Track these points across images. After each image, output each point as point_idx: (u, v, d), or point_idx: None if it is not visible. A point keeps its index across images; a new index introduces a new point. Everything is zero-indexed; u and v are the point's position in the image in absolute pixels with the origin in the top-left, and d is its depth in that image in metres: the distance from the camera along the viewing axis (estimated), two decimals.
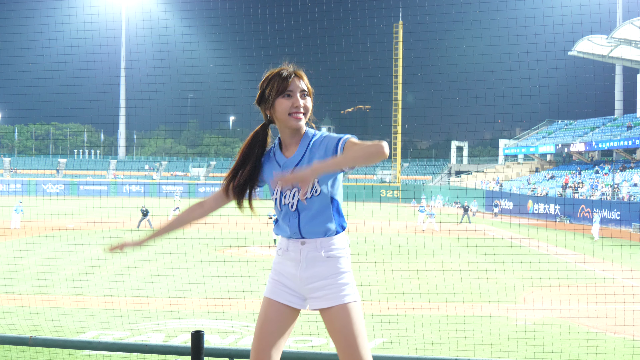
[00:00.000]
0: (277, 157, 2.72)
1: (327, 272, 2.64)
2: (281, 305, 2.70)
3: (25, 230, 21.86)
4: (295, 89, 2.62)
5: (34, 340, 4.29)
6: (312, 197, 2.62)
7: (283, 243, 2.73)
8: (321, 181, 2.61)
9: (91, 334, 8.97)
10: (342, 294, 2.62)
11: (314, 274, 2.64)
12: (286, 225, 2.68)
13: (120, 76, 62.88)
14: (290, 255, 2.69)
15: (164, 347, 4.31)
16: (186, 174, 68.32)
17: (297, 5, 12.26)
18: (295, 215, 2.65)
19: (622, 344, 8.69)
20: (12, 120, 77.83)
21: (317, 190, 2.61)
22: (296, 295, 2.71)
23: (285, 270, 2.71)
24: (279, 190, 2.67)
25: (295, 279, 2.68)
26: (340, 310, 2.60)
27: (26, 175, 64.28)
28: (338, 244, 2.67)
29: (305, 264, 2.65)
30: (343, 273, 2.66)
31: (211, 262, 13.78)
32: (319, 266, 2.64)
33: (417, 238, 20.24)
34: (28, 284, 12.96)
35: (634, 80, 46.15)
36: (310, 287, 2.66)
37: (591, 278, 14.66)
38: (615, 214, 30.81)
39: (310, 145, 2.66)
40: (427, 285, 11.29)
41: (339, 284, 2.63)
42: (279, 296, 2.70)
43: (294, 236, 2.67)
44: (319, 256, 2.64)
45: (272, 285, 2.74)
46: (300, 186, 2.35)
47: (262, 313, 2.72)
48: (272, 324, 2.68)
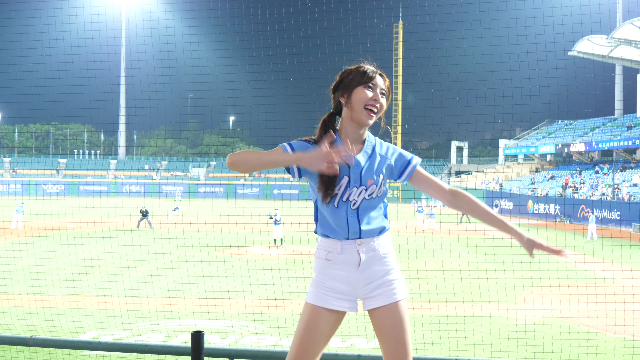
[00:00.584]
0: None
1: (383, 271, 2.63)
2: (332, 312, 2.62)
3: (25, 230, 21.87)
4: (377, 85, 2.61)
5: (34, 340, 4.29)
6: (376, 196, 2.61)
7: (334, 246, 2.61)
8: (385, 183, 2.64)
9: (91, 334, 8.98)
10: (395, 291, 2.63)
11: (372, 274, 2.62)
12: (344, 224, 2.58)
13: (120, 76, 62.89)
14: (346, 257, 2.60)
15: (164, 347, 4.31)
16: (186, 174, 68.30)
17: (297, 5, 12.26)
18: (354, 214, 2.58)
19: (622, 344, 8.69)
20: (12, 120, 77.86)
21: (382, 191, 2.63)
22: (349, 299, 2.64)
23: (337, 275, 2.62)
24: (342, 186, 2.56)
25: (351, 281, 2.61)
26: (393, 308, 2.60)
27: (26, 175, 64.28)
28: (388, 242, 2.69)
29: (364, 265, 2.61)
30: (393, 269, 2.66)
31: (211, 262, 13.78)
32: (375, 265, 2.62)
33: (417, 238, 20.24)
34: (28, 284, 12.96)
35: (634, 80, 46.15)
36: (368, 287, 2.62)
37: (591, 278, 14.66)
38: (615, 214, 30.81)
39: (375, 148, 2.66)
40: (427, 285, 11.29)
41: (391, 281, 2.64)
42: (330, 303, 2.61)
43: (352, 236, 2.59)
44: (376, 255, 2.62)
45: (321, 292, 2.63)
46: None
47: (310, 321, 2.62)
48: (320, 332, 2.61)
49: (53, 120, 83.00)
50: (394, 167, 2.67)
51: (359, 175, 2.57)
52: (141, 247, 17.75)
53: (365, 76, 2.60)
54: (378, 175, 2.60)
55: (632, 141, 42.61)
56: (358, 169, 2.57)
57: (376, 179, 2.59)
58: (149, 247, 16.73)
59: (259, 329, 9.60)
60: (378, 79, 2.62)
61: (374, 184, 2.58)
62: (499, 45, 10.21)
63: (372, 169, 2.59)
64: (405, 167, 2.68)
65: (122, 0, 63.48)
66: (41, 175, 63.88)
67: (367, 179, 2.57)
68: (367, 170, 2.58)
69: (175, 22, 23.80)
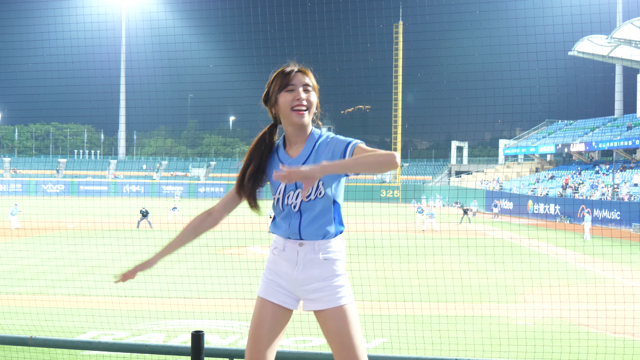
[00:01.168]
0: (281, 155, 2.69)
1: (323, 274, 2.63)
2: (275, 306, 2.68)
3: (25, 230, 21.86)
4: (297, 83, 2.61)
5: (34, 340, 4.29)
6: (315, 198, 2.60)
7: (279, 242, 2.70)
8: (325, 183, 2.59)
9: (91, 334, 8.98)
10: (338, 296, 2.61)
11: (310, 276, 2.63)
12: (286, 225, 2.66)
13: (120, 76, 62.89)
14: (287, 255, 2.67)
15: (164, 347, 4.31)
16: (186, 174, 68.30)
17: (297, 6, 12.26)
18: (297, 216, 2.63)
19: (622, 344, 8.69)
20: (12, 120, 77.82)
21: (321, 192, 2.59)
22: (290, 295, 2.69)
23: (280, 270, 2.69)
24: (282, 190, 2.64)
25: (290, 279, 2.66)
26: (335, 312, 2.60)
27: (26, 175, 64.29)
28: (335, 247, 2.67)
29: (302, 266, 2.63)
30: (339, 275, 2.65)
31: (211, 262, 13.77)
32: (315, 268, 2.63)
33: (417, 238, 20.23)
34: (28, 284, 12.96)
35: (634, 80, 46.15)
36: (305, 289, 2.65)
37: (591, 278, 14.65)
38: (615, 214, 30.81)
39: (316, 145, 2.64)
40: (427, 285, 11.29)
41: (335, 286, 2.62)
42: (273, 296, 2.69)
43: (292, 237, 2.65)
44: (316, 258, 2.63)
45: (266, 285, 2.73)
46: (304, 184, 2.32)
47: (257, 313, 2.71)
48: (267, 324, 2.67)
49: (53, 120, 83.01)
50: (334, 157, 2.56)
51: None
52: (141, 247, 17.72)
53: (284, 80, 2.62)
54: None
55: (632, 141, 42.61)
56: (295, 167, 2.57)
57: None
58: (149, 247, 16.69)
59: None
60: (297, 77, 2.62)
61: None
62: (499, 45, 10.21)
63: None
64: (344, 153, 2.55)
65: (122, 0, 63.48)
66: (41, 175, 63.88)
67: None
68: None
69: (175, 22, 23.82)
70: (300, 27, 12.30)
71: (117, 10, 62.96)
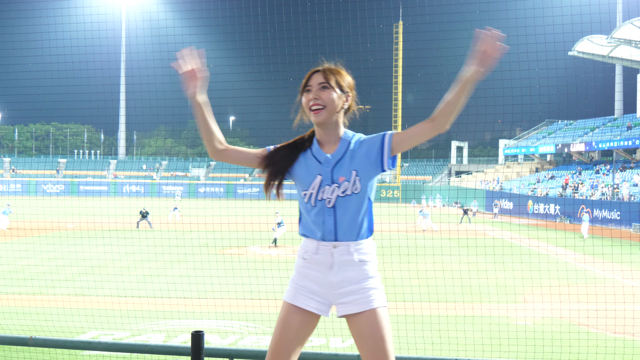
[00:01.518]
0: (316, 153, 2.66)
1: (357, 277, 2.59)
2: (304, 312, 2.62)
3: (25, 230, 21.86)
4: (314, 84, 2.62)
5: (34, 340, 4.29)
6: (351, 194, 2.57)
7: (311, 246, 2.64)
8: (362, 179, 2.58)
9: (91, 334, 8.97)
10: (371, 299, 2.58)
11: (345, 279, 2.59)
12: (320, 223, 2.60)
13: (120, 76, 62.91)
14: (320, 258, 2.61)
15: (164, 347, 4.31)
16: (186, 174, 68.31)
17: (297, 5, 12.25)
18: (331, 213, 2.58)
19: (622, 344, 8.69)
20: (12, 120, 77.86)
21: (357, 188, 2.57)
22: (321, 301, 2.63)
23: (311, 275, 2.63)
24: (317, 184, 2.59)
25: (323, 283, 2.61)
26: (369, 316, 2.56)
27: (26, 175, 64.29)
28: (367, 249, 2.64)
29: (337, 268, 2.59)
30: (372, 278, 2.62)
31: (211, 262, 13.77)
32: (350, 270, 2.59)
33: (417, 238, 20.23)
34: (28, 284, 12.96)
35: (634, 80, 46.15)
36: (339, 292, 2.60)
37: (591, 278, 14.65)
38: (615, 214, 30.81)
39: (350, 144, 2.64)
40: (427, 285, 11.29)
41: (368, 289, 2.59)
42: (302, 302, 2.62)
43: (327, 238, 2.59)
44: (350, 260, 2.59)
45: (295, 291, 2.65)
46: (490, 57, 2.40)
47: (283, 318, 2.64)
48: (293, 330, 2.61)
49: (53, 120, 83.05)
50: (370, 152, 2.59)
51: (330, 172, 2.58)
52: (141, 247, 17.75)
53: (304, 82, 2.66)
54: (350, 172, 2.57)
55: (632, 141, 42.62)
56: (329, 166, 2.60)
57: (348, 175, 2.57)
58: (149, 247, 16.73)
59: (259, 329, 9.60)
60: (314, 78, 2.64)
61: (346, 180, 2.56)
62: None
63: (343, 166, 2.59)
64: (382, 143, 2.58)
65: (122, 0, 63.48)
66: (41, 175, 63.90)
67: (339, 177, 2.57)
68: (337, 167, 2.59)
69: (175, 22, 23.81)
70: (300, 27, 12.30)
71: (117, 10, 62.98)
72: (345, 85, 2.66)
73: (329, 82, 2.61)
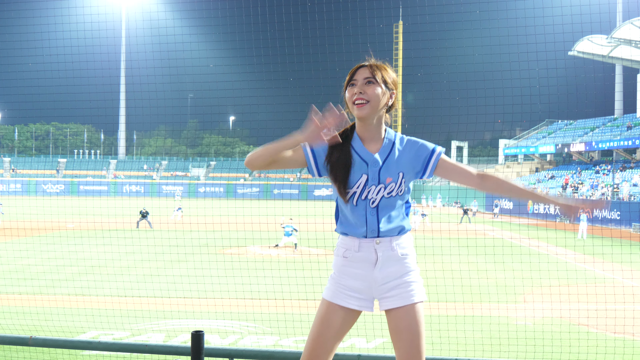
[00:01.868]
0: (360, 151, 2.60)
1: (400, 271, 2.61)
2: (345, 310, 2.63)
3: (25, 230, 21.86)
4: (359, 78, 2.60)
5: (34, 340, 4.29)
6: (396, 195, 2.58)
7: (352, 243, 2.62)
8: (407, 180, 2.60)
9: (91, 334, 8.97)
10: (412, 293, 2.60)
11: (389, 274, 2.60)
12: (362, 222, 2.59)
13: (120, 76, 62.87)
14: (363, 255, 2.60)
15: (164, 347, 4.31)
16: (186, 174, 68.30)
17: (297, 5, 12.25)
18: (373, 212, 2.58)
19: (622, 344, 8.69)
20: (12, 120, 77.87)
21: (402, 190, 2.59)
22: (364, 298, 2.64)
23: (353, 273, 2.62)
24: (362, 183, 2.57)
25: (367, 280, 2.61)
26: (409, 310, 2.58)
27: (26, 175, 64.29)
28: (407, 243, 2.66)
29: (381, 264, 2.60)
30: (412, 271, 2.64)
31: (211, 262, 13.77)
32: (393, 265, 2.60)
33: (417, 238, 20.22)
34: (28, 284, 12.96)
35: (634, 80, 46.15)
36: (384, 287, 2.61)
37: (591, 278, 14.65)
38: (615, 214, 30.81)
39: (396, 143, 2.62)
40: (427, 285, 11.20)
41: (409, 283, 2.61)
42: (345, 301, 2.62)
43: (370, 235, 2.59)
44: (394, 255, 2.60)
45: (336, 289, 2.64)
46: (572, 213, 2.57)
47: (323, 317, 2.63)
48: (333, 329, 2.62)
49: (53, 120, 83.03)
50: (416, 160, 2.60)
51: (377, 173, 2.56)
52: (141, 247, 17.74)
53: (349, 77, 2.63)
54: (397, 174, 2.57)
55: (632, 141, 42.62)
56: (376, 167, 2.57)
57: (395, 177, 2.57)
58: (149, 247, 16.73)
59: (259, 329, 9.60)
60: (360, 72, 2.60)
61: (393, 182, 2.56)
62: (499, 45, 10.20)
63: (391, 167, 2.57)
64: (429, 159, 2.60)
65: (122, 0, 63.48)
66: (41, 175, 63.91)
67: (386, 177, 2.56)
68: (385, 168, 2.57)
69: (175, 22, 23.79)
70: (300, 27, 12.30)
71: (117, 10, 62.97)
72: (390, 81, 2.64)
73: (375, 77, 2.58)
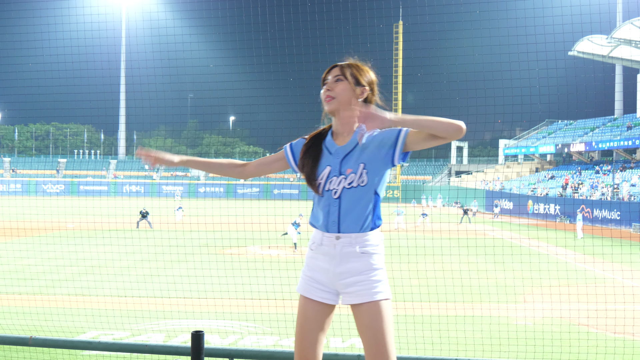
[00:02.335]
0: (328, 144, 2.75)
1: (361, 268, 2.63)
2: (316, 303, 2.70)
3: (25, 230, 21.86)
4: (330, 77, 2.74)
5: (34, 340, 4.29)
6: (357, 186, 2.63)
7: (317, 237, 2.72)
8: (370, 172, 2.64)
9: (91, 334, 8.97)
10: (375, 290, 2.62)
11: (348, 270, 2.64)
12: (325, 213, 2.66)
13: (120, 76, 62.87)
14: (324, 249, 2.68)
15: (164, 347, 4.31)
16: (186, 174, 68.29)
17: (297, 5, 12.25)
18: (336, 204, 2.64)
19: (622, 344, 8.69)
20: (12, 120, 77.85)
21: (364, 181, 2.63)
22: (329, 291, 2.70)
23: (318, 265, 2.71)
24: (325, 175, 2.67)
25: (328, 274, 2.67)
26: (371, 307, 2.60)
27: (26, 175, 64.29)
28: (373, 240, 2.68)
29: (339, 259, 2.64)
30: (376, 270, 2.66)
31: (211, 262, 13.77)
32: (353, 262, 2.64)
33: (417, 238, 20.23)
34: (28, 284, 12.96)
35: (634, 80, 46.14)
36: (343, 283, 2.65)
37: (591, 278, 14.65)
38: (615, 214, 30.81)
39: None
40: (427, 285, 11.29)
41: (372, 281, 2.63)
42: (313, 294, 2.71)
43: (331, 229, 2.65)
44: (353, 252, 2.64)
45: (305, 282, 2.74)
46: (369, 124, 2.43)
47: (301, 311, 2.73)
48: (312, 321, 2.69)
49: (53, 120, 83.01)
50: (382, 146, 2.65)
51: (339, 164, 2.66)
52: (141, 247, 17.75)
53: (322, 79, 2.78)
54: (358, 165, 2.63)
55: (632, 141, 42.61)
56: (338, 158, 2.67)
57: (355, 168, 2.63)
58: (149, 247, 16.73)
59: (259, 329, 9.60)
60: (331, 72, 2.75)
61: (353, 172, 2.63)
62: (499, 45, 10.19)
63: (352, 158, 2.65)
64: (397, 138, 2.65)
65: (122, 0, 63.47)
66: (41, 175, 63.91)
67: (346, 168, 2.64)
68: (346, 159, 2.66)
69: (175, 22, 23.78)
70: (300, 27, 12.29)
71: (117, 10, 62.97)
72: (363, 79, 2.74)
73: (345, 75, 2.71)
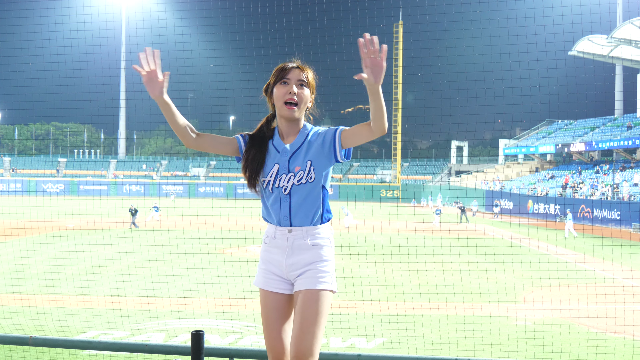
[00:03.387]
0: (276, 143, 2.80)
1: (310, 259, 2.73)
2: (274, 294, 2.79)
3: (25, 229, 21.86)
4: (293, 78, 2.74)
5: (34, 340, 4.29)
6: (306, 182, 2.71)
7: (270, 231, 2.81)
8: (317, 169, 2.71)
9: (91, 334, 8.97)
10: (319, 280, 2.69)
11: (299, 261, 2.73)
12: (277, 209, 2.75)
13: (120, 76, 62.83)
14: (278, 242, 2.77)
15: (164, 347, 4.31)
16: (186, 174, 68.30)
17: (297, 5, 12.25)
18: (286, 199, 2.73)
19: (622, 344, 8.69)
20: (12, 120, 77.75)
21: (312, 177, 2.71)
22: (284, 281, 2.79)
23: (272, 258, 2.80)
24: (274, 172, 2.74)
25: (281, 265, 2.77)
26: (309, 294, 2.67)
27: (26, 175, 64.27)
28: (323, 233, 2.77)
29: (291, 251, 2.74)
30: (325, 261, 2.74)
31: (211, 262, 13.77)
32: (303, 253, 2.73)
33: (417, 238, 20.23)
34: (28, 284, 12.96)
35: (634, 80, 46.13)
36: (294, 273, 2.74)
37: (591, 278, 14.65)
38: (615, 214, 30.80)
39: (308, 136, 2.78)
40: (427, 285, 11.29)
41: (319, 270, 2.71)
42: (270, 285, 2.81)
43: (283, 223, 2.74)
44: (304, 244, 2.73)
45: (262, 276, 2.84)
46: (374, 76, 2.40)
47: (262, 304, 2.82)
48: (274, 312, 2.78)
49: (53, 120, 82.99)
50: (323, 145, 2.73)
51: (287, 162, 2.73)
52: (141, 247, 17.74)
53: (281, 73, 2.75)
54: (305, 162, 2.71)
55: (632, 141, 42.60)
56: (286, 157, 2.74)
57: (303, 165, 2.71)
58: (149, 247, 16.73)
59: (259, 328, 9.59)
60: (294, 72, 2.74)
61: (302, 170, 2.71)
62: (499, 45, 10.20)
63: (299, 156, 2.73)
64: (333, 138, 2.71)
65: (122, 0, 63.47)
66: (41, 175, 63.91)
67: (295, 166, 2.72)
68: (294, 157, 2.73)
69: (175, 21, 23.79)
70: (300, 27, 12.30)
71: (117, 10, 62.96)
72: (313, 84, 2.82)
73: (307, 80, 2.75)
